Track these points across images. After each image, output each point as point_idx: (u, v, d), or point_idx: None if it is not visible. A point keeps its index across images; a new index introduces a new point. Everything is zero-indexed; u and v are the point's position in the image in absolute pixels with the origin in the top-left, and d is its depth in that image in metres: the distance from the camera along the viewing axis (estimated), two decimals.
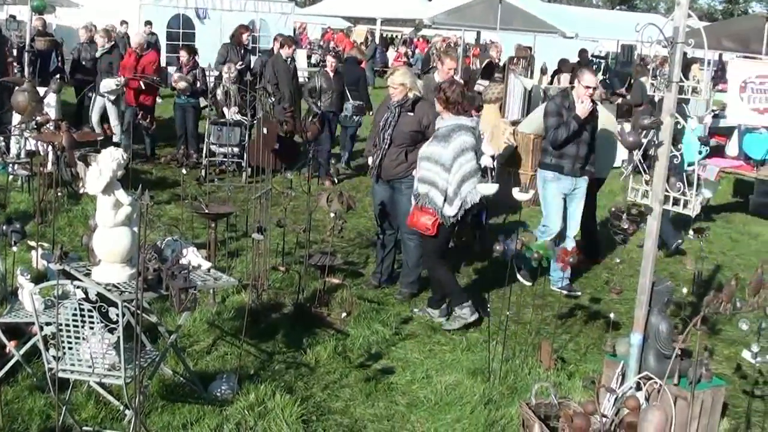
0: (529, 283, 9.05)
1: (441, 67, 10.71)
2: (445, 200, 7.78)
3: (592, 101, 9.10)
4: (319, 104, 13.72)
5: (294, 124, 9.57)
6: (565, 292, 9.14)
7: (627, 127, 9.06)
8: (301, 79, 16.80)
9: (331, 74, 14.14)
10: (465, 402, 6.54)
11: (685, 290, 6.08)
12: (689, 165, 9.06)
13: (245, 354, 7.02)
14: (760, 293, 5.66)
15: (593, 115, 9.14)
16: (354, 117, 14.61)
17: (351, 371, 7.00)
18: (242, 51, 15.69)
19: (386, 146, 8.61)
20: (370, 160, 9.02)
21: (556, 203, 9.17)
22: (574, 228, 9.28)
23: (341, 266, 9.22)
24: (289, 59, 14.70)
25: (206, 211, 8.79)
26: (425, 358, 7.39)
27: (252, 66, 16.65)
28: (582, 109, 8.89)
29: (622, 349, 6.16)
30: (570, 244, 8.83)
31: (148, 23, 19.42)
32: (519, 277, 8.88)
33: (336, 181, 13.73)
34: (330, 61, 14.39)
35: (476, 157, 7.93)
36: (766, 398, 7.04)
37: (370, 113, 14.23)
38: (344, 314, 7.70)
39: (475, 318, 8.05)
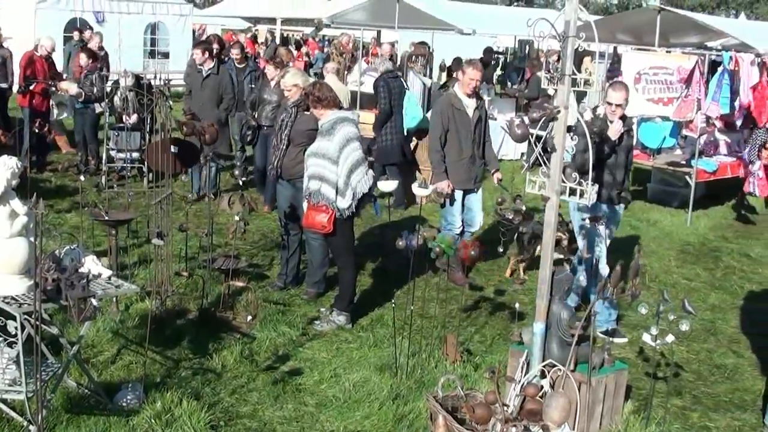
0: None
1: (462, 77, 9.52)
2: (337, 193, 7.81)
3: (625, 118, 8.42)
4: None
5: (193, 127, 9.47)
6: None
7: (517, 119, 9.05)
8: None
9: (272, 84, 12.25)
10: (373, 398, 6.59)
11: (581, 278, 6.20)
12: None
13: (150, 362, 6.93)
14: (636, 278, 5.83)
15: (629, 136, 8.48)
16: None
17: (258, 374, 6.98)
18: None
19: (284, 146, 8.64)
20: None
21: (591, 233, 8.28)
22: (604, 256, 8.44)
23: (246, 269, 9.16)
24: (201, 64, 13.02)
25: (106, 218, 8.65)
26: (333, 357, 7.41)
27: None
28: (613, 129, 8.15)
29: (526, 339, 6.27)
30: (604, 270, 8.32)
31: (98, 34, 18.44)
32: None
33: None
34: (269, 70, 12.51)
35: (361, 148, 7.99)
36: (668, 379, 7.23)
37: None
38: (250, 317, 7.67)
39: (348, 327, 8.12)
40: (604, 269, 8.28)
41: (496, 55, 24.14)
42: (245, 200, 8.15)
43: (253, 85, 13.72)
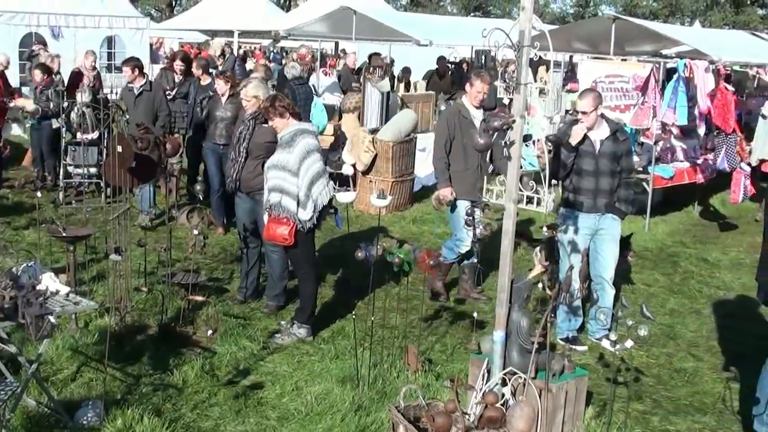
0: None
1: (470, 89, 9.44)
2: (298, 205, 7.79)
3: (611, 123, 8.38)
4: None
5: (149, 140, 9.41)
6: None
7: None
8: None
9: (224, 100, 11.56)
10: (336, 410, 6.58)
11: (540, 285, 6.24)
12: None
13: (110, 379, 6.87)
14: (586, 282, 5.87)
15: (616, 141, 8.22)
16: None
17: (220, 389, 6.94)
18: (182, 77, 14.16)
19: (243, 159, 8.62)
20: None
21: (575, 243, 8.16)
22: (608, 272, 8.27)
23: (206, 283, 9.13)
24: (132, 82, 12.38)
25: (63, 234, 8.57)
26: (294, 370, 7.39)
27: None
28: (574, 134, 8.03)
29: (486, 347, 6.29)
30: (609, 293, 8.27)
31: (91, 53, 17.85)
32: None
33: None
34: (220, 85, 11.69)
35: (321, 159, 7.99)
36: (629, 384, 7.28)
37: None
38: (210, 332, 7.62)
39: (309, 339, 8.10)
40: (609, 290, 8.25)
41: (452, 66, 24.20)
42: (203, 214, 8.12)
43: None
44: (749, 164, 14.08)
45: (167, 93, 13.26)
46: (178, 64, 14.25)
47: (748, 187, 13.93)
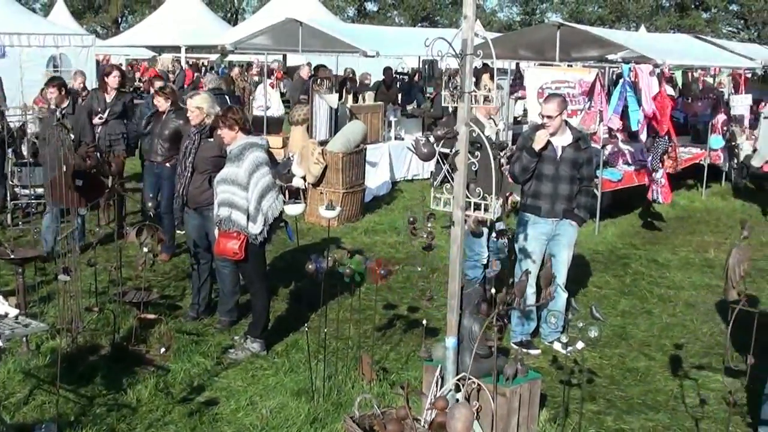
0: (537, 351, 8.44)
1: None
2: (248, 219, 7.78)
3: (574, 130, 8.45)
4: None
5: (96, 159, 9.36)
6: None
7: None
8: None
9: (163, 117, 11.17)
10: (291, 423, 6.57)
11: (494, 290, 6.27)
12: None
13: (63, 401, 6.79)
14: (550, 287, 5.90)
15: (578, 148, 8.28)
16: None
17: (174, 407, 6.89)
18: (113, 95, 13.02)
19: (189, 174, 8.58)
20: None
21: (531, 248, 8.18)
22: (561, 277, 8.33)
23: (157, 301, 9.06)
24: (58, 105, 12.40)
25: (12, 256, 8.47)
26: (249, 385, 7.36)
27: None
28: (537, 140, 8.08)
29: (438, 354, 6.31)
30: (561, 297, 8.34)
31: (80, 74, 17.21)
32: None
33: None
34: (159, 102, 11.22)
35: (271, 173, 7.98)
36: (582, 386, 7.34)
37: None
38: (163, 349, 7.56)
39: (263, 353, 8.08)
40: (562, 294, 8.33)
41: (401, 76, 24.30)
42: (153, 231, 8.07)
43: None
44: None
45: (99, 116, 12.58)
46: (113, 81, 13.14)
47: (656, 191, 14.13)
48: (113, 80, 12.97)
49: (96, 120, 12.30)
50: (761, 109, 17.74)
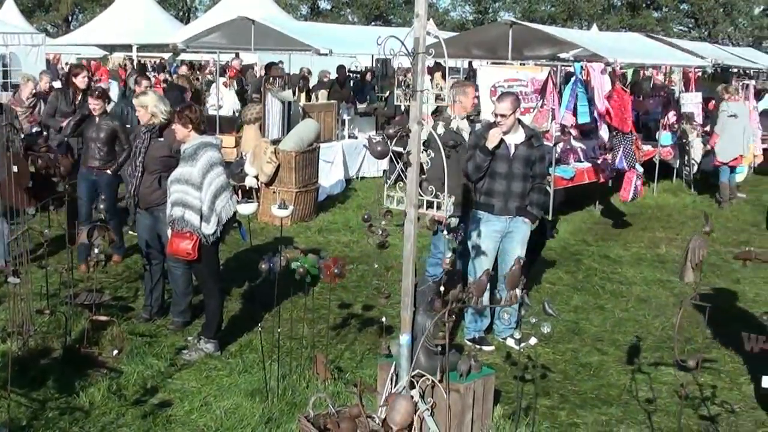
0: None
1: (464, 100, 9.00)
2: (201, 219, 7.74)
3: (527, 128, 8.50)
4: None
5: (48, 159, 9.26)
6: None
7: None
8: None
9: (97, 119, 10.50)
10: (245, 424, 6.55)
11: (442, 288, 6.29)
12: None
13: (15, 405, 6.69)
14: (516, 289, 5.92)
15: (531, 146, 8.33)
16: None
17: (128, 409, 6.83)
18: (79, 96, 12.44)
19: (139, 174, 8.52)
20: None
21: (484, 245, 8.25)
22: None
23: (110, 302, 8.97)
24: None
25: None
26: (202, 386, 7.32)
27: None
28: (490, 138, 8.11)
29: (394, 351, 6.32)
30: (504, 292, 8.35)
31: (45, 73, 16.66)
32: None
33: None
34: (93, 104, 10.47)
35: (225, 173, 7.95)
36: (536, 381, 7.40)
37: None
38: (116, 351, 7.49)
39: (217, 354, 8.04)
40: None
41: (354, 75, 24.30)
42: (104, 232, 7.99)
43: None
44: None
45: (70, 118, 11.49)
46: (81, 81, 12.54)
47: (639, 187, 14.30)
48: (81, 81, 12.55)
49: (65, 122, 11.83)
50: (715, 109, 18.00)
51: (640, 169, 14.42)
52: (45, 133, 12.88)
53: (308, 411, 5.85)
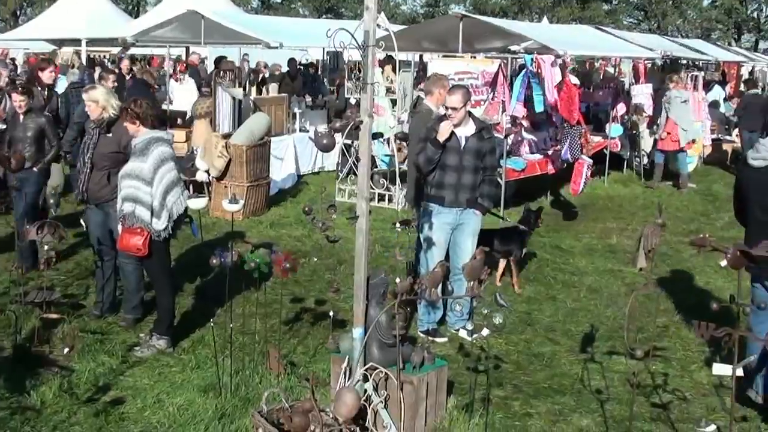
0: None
1: (439, 92, 9.28)
2: (152, 214, 7.68)
3: (477, 120, 8.52)
4: None
5: None
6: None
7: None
8: None
9: (21, 117, 10.08)
10: (198, 420, 6.52)
11: (398, 280, 6.30)
12: None
13: None
14: (477, 281, 5.93)
15: (481, 138, 8.36)
16: None
17: (80, 407, 6.77)
18: (45, 92, 12.30)
19: (88, 170, 8.42)
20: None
21: (436, 237, 8.27)
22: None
23: (60, 300, 8.84)
24: None
25: None
26: (155, 383, 7.27)
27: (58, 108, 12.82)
28: (440, 131, 8.11)
29: (346, 345, 6.33)
30: (465, 285, 8.38)
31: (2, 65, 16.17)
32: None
33: None
34: (18, 100, 10.06)
35: (176, 168, 7.89)
36: (489, 372, 7.45)
37: None
38: (67, 349, 7.40)
39: (169, 350, 8.00)
40: (462, 283, 8.16)
41: (305, 68, 24.21)
42: (54, 227, 7.89)
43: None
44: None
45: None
46: (48, 76, 12.38)
47: (588, 177, 14.44)
48: (48, 76, 12.25)
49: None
50: (659, 98, 18.22)
51: (589, 160, 14.54)
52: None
53: (261, 406, 5.84)
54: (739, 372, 5.03)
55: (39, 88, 12.30)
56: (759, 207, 6.94)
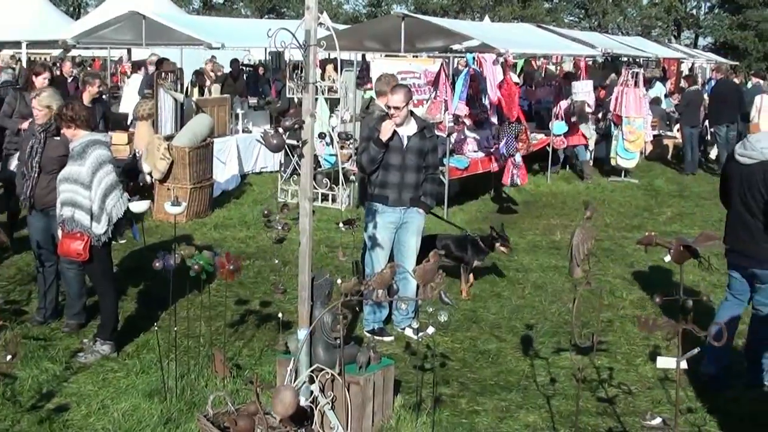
0: None
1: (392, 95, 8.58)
2: (92, 219, 7.59)
3: (419, 119, 8.54)
4: None
5: None
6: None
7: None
8: None
9: None
10: (144, 425, 6.48)
11: (339, 281, 6.30)
12: None
13: None
14: (433, 284, 5.94)
15: (423, 137, 8.39)
16: None
17: (23, 415, 6.68)
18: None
19: (35, 174, 8.28)
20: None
21: (380, 236, 8.32)
22: (410, 263, 8.30)
23: (2, 306, 8.74)
24: None
25: None
26: (100, 389, 7.19)
27: None
28: (383, 130, 8.14)
29: (292, 346, 6.32)
30: (411, 283, 8.30)
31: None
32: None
33: None
34: None
35: (114, 170, 7.80)
36: (435, 370, 7.48)
37: None
38: (9, 357, 7.28)
39: (113, 355, 7.91)
40: (409, 281, 8.32)
41: (248, 68, 24.13)
42: None
43: None
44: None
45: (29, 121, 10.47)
46: (42, 82, 11.46)
47: (517, 175, 14.60)
48: (42, 81, 12.02)
49: (25, 125, 11.08)
50: (606, 96, 18.54)
51: (518, 159, 14.68)
52: None
53: (207, 410, 5.82)
54: (684, 365, 5.10)
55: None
56: (740, 198, 7.36)
